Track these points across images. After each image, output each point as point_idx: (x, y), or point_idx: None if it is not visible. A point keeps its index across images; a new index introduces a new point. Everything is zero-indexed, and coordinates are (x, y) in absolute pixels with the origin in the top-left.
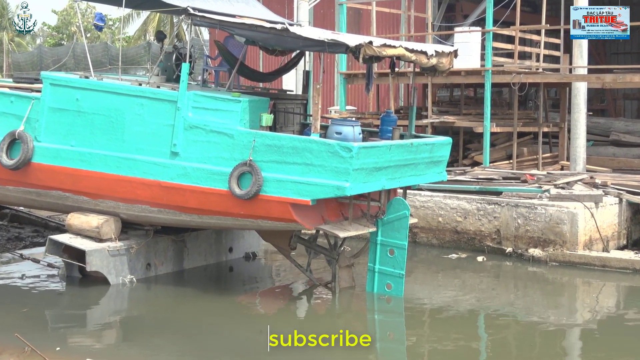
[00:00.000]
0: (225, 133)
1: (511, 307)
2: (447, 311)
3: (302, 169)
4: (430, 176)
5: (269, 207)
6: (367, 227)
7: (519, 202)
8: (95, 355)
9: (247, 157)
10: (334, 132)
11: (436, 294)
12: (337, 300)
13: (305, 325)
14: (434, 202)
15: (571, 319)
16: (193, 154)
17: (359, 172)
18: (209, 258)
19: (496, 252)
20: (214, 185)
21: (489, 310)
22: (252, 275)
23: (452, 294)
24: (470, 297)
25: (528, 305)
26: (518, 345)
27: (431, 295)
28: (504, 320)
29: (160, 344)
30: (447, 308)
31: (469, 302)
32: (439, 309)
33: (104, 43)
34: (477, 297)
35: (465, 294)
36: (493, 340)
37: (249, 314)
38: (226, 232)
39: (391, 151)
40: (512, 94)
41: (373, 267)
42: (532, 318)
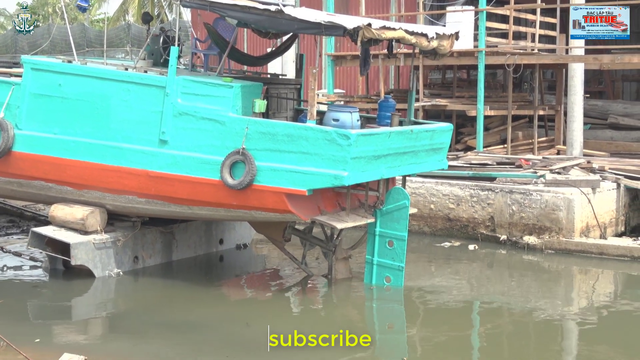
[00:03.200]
0: (216, 120)
1: (506, 296)
2: (439, 302)
3: (298, 158)
4: (431, 164)
5: (263, 197)
6: (365, 218)
7: (513, 188)
8: (79, 349)
9: (240, 145)
10: (330, 119)
11: (428, 284)
12: (334, 293)
13: (300, 318)
14: (425, 188)
15: (567, 308)
16: (183, 142)
17: (357, 160)
18: (199, 250)
19: (490, 240)
20: (204, 175)
21: (483, 300)
22: (244, 267)
23: (444, 284)
24: (463, 286)
25: (523, 294)
26: (513, 335)
27: (423, 285)
28: (498, 310)
29: (149, 338)
30: (439, 299)
31: (462, 292)
32: (431, 300)
33: (81, 24)
34: (471, 286)
35: (459, 284)
36: (487, 331)
37: (240, 306)
38: (217, 224)
39: (390, 138)
40: (506, 75)
41: (371, 259)
42: (528, 308)
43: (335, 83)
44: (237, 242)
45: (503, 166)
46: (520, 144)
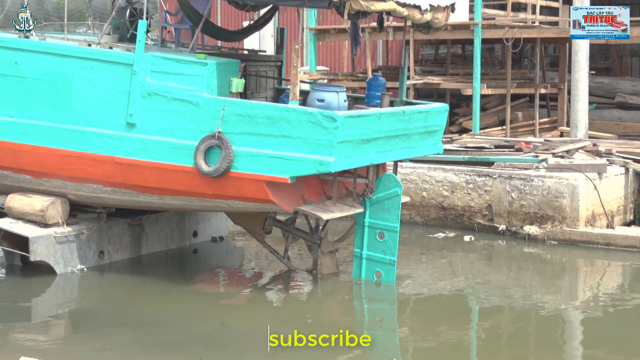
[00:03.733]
0: (189, 101)
1: (505, 292)
2: (433, 297)
3: (279, 142)
4: (425, 148)
5: (241, 185)
6: (354, 208)
7: (513, 174)
8: (38, 353)
9: (216, 129)
10: (315, 99)
11: (420, 278)
12: (319, 289)
13: (281, 317)
14: (417, 174)
15: (572, 304)
16: (152, 125)
17: (344, 144)
18: (170, 244)
19: (487, 231)
20: (177, 161)
21: (481, 296)
22: (220, 262)
23: (438, 278)
24: (459, 281)
25: (524, 289)
26: (513, 334)
27: (415, 279)
28: (497, 306)
29: (116, 340)
30: (433, 294)
31: (458, 287)
32: (424, 296)
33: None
34: (467, 281)
35: (454, 278)
36: (485, 328)
37: (215, 305)
38: (190, 215)
39: (381, 120)
40: (504, 51)
41: (360, 252)
42: (528, 304)
43: (318, 60)
44: (213, 234)
45: (501, 150)
46: (520, 125)
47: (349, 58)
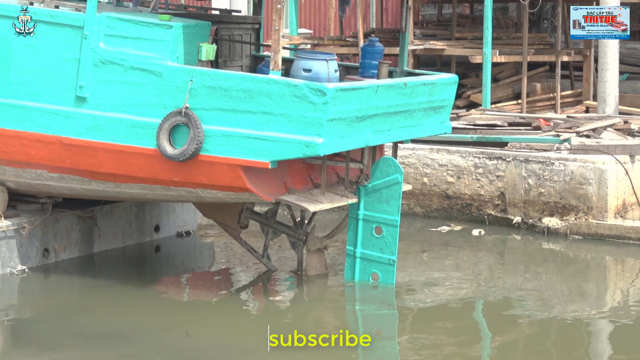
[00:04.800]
0: (150, 70)
1: (520, 296)
2: (436, 303)
3: (258, 120)
4: (430, 127)
5: (213, 171)
6: (346, 198)
7: (529, 156)
8: None
9: (182, 104)
10: (300, 69)
11: (421, 280)
12: (305, 294)
13: (259, 326)
14: (417, 157)
15: (599, 311)
16: (107, 100)
17: (335, 123)
18: (128, 240)
19: (500, 223)
20: (136, 143)
21: (492, 301)
22: (187, 261)
23: (442, 280)
24: (466, 283)
25: (542, 293)
26: (529, 348)
27: (415, 282)
28: (511, 314)
29: (63, 352)
30: (435, 299)
31: (465, 291)
32: (426, 301)
33: None
34: (476, 283)
35: (460, 280)
36: (497, 342)
37: (180, 311)
38: (151, 206)
39: (378, 94)
40: (521, 11)
41: (353, 250)
42: (548, 311)
43: (300, 21)
44: (178, 228)
45: (516, 128)
46: (538, 99)
47: (337, 19)
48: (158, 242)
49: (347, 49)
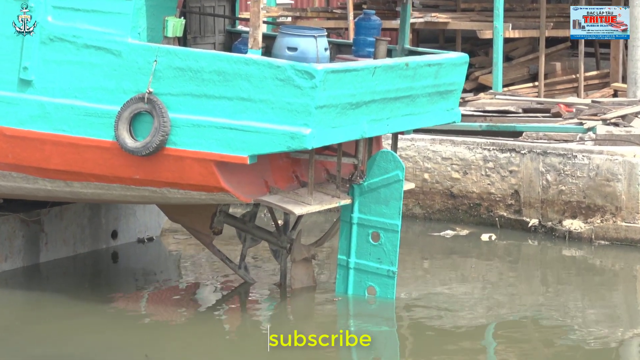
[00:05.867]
0: (107, 49)
1: (537, 315)
2: (440, 323)
3: (235, 107)
4: (436, 115)
5: (181, 167)
6: (337, 198)
7: (548, 148)
8: None
9: (145, 89)
10: (284, 47)
11: (422, 295)
12: (289, 311)
13: (233, 352)
14: (416, 149)
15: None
16: (56, 84)
17: (325, 110)
18: (80, 247)
19: (514, 227)
20: (90, 134)
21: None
22: (149, 272)
23: (445, 295)
24: (474, 299)
25: (564, 310)
26: None
27: (414, 296)
28: (528, 336)
29: None
30: (439, 317)
31: (474, 308)
32: (429, 319)
33: None
34: (486, 299)
35: (467, 295)
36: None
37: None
38: (108, 208)
39: (376, 77)
40: None
41: (346, 260)
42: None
43: None
44: (139, 234)
45: (533, 115)
46: (558, 81)
47: None
48: (115, 250)
49: (335, 22)
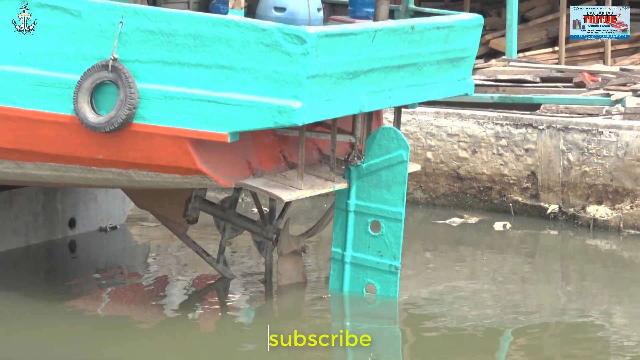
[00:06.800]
0: (65, 9)
1: (559, 313)
2: (444, 325)
3: (213, 77)
4: (445, 86)
5: (151, 146)
6: (331, 182)
7: (570, 123)
8: None
9: (109, 55)
10: (271, 7)
11: (423, 294)
12: (274, 311)
13: None
14: (417, 123)
15: None
16: (5, 49)
17: (318, 81)
18: (33, 237)
19: (530, 213)
20: (45, 107)
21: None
22: (111, 265)
23: (451, 294)
24: (485, 298)
25: (589, 309)
26: None
27: (416, 294)
28: (546, 341)
29: None
30: (445, 321)
31: (486, 311)
32: (434, 321)
33: None
34: (498, 299)
35: (477, 293)
36: None
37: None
38: (64, 192)
39: (376, 42)
40: None
41: (341, 254)
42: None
43: None
44: (101, 223)
45: (552, 85)
46: (581, 45)
47: None
48: (74, 240)
49: None
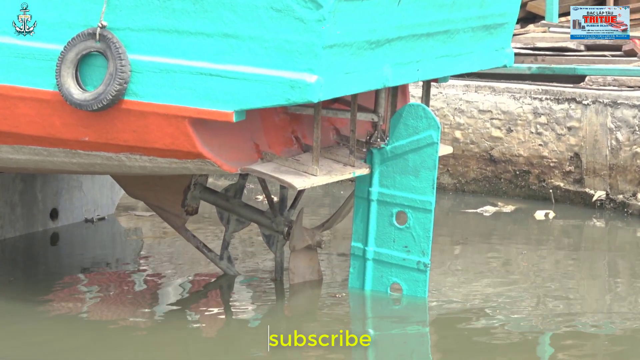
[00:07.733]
0: None
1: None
2: (482, 329)
3: (216, 47)
4: (481, 57)
5: (145, 126)
6: (351, 167)
7: (619, 97)
8: None
9: (97, 22)
10: None
11: (452, 293)
12: (287, 314)
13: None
14: (444, 98)
15: None
16: None
17: (336, 51)
18: (9, 230)
19: (574, 201)
20: (24, 82)
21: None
22: (98, 258)
23: (484, 293)
24: (522, 296)
25: None
26: None
27: (445, 292)
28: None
29: None
30: (481, 322)
31: (522, 309)
32: (462, 326)
33: None
34: (537, 299)
35: (513, 292)
36: None
37: (82, 338)
38: (45, 180)
39: (402, 5)
40: None
41: (362, 249)
42: None
43: None
44: (87, 213)
45: (599, 54)
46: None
47: None
48: (56, 233)
49: None
